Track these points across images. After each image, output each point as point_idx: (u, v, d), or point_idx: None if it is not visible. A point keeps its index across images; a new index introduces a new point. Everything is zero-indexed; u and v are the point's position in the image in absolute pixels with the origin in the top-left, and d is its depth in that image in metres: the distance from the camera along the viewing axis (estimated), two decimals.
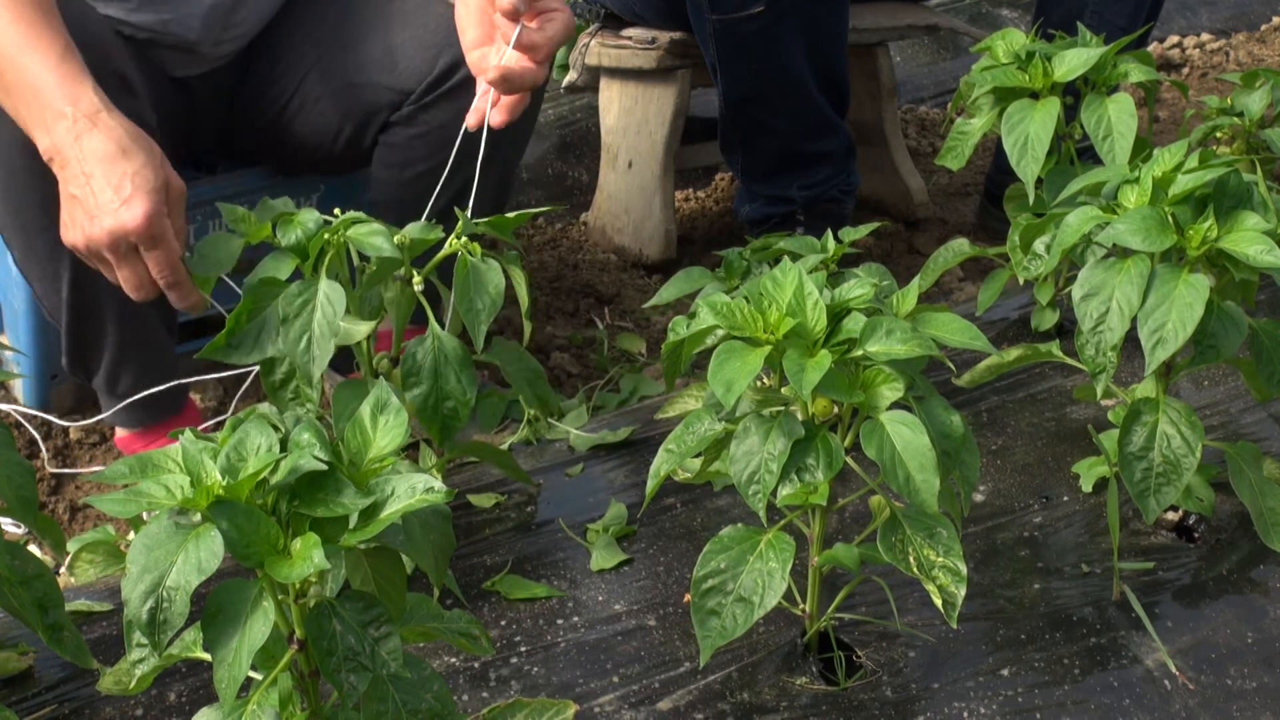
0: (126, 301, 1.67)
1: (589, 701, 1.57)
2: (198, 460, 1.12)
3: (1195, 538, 1.83)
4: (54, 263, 1.89)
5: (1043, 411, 2.11)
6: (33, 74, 1.61)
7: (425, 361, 1.59)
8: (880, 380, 1.39)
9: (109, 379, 2.05)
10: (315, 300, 1.53)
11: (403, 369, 1.59)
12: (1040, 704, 1.57)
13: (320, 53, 2.11)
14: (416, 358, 1.59)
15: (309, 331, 1.52)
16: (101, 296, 1.92)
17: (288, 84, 2.14)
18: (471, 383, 1.60)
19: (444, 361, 1.59)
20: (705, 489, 1.95)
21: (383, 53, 2.07)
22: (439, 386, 1.59)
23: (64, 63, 1.62)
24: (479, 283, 1.58)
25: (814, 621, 1.60)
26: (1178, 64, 4.06)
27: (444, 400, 1.59)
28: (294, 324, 1.52)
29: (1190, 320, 1.57)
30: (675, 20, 2.74)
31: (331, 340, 1.52)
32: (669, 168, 2.90)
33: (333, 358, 1.63)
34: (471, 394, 1.60)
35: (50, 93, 1.60)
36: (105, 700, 1.57)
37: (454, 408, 1.60)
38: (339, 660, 1.10)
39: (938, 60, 3.99)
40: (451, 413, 1.60)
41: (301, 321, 1.53)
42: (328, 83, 2.11)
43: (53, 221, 1.76)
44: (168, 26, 2.01)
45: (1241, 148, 2.21)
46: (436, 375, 1.59)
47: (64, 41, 1.63)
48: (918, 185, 3.06)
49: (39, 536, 1.44)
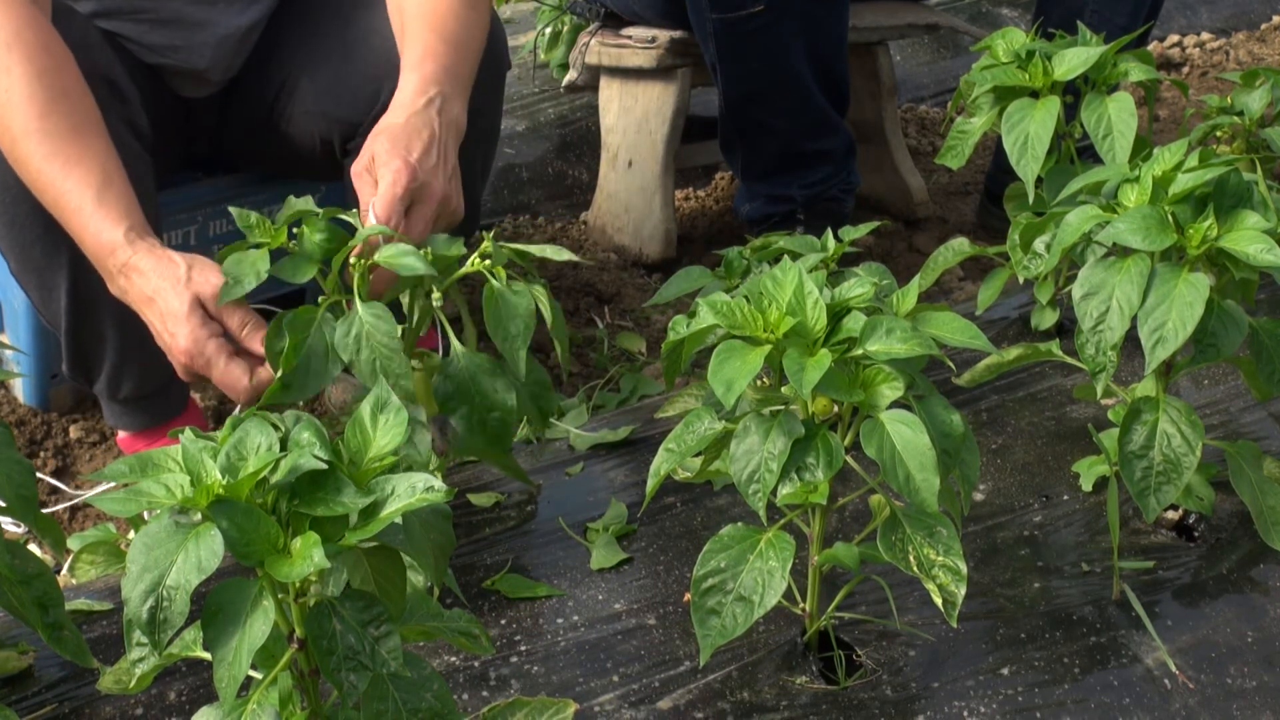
0: (125, 307, 1.67)
1: (589, 700, 1.57)
2: (198, 459, 1.12)
3: (1195, 537, 1.83)
4: (51, 271, 1.88)
5: (1043, 410, 2.11)
6: (74, 223, 1.66)
7: (452, 385, 1.60)
8: (880, 379, 1.39)
9: (110, 384, 2.04)
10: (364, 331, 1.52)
11: (439, 396, 1.60)
12: (1040, 703, 1.57)
13: (289, 76, 2.11)
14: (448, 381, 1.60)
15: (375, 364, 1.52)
16: (99, 303, 1.91)
17: (268, 96, 2.14)
18: (508, 389, 1.61)
19: (472, 379, 1.60)
20: (705, 488, 1.95)
21: (332, 83, 2.06)
22: (479, 403, 1.60)
23: (100, 205, 1.64)
24: (509, 309, 1.59)
25: (814, 620, 1.60)
26: (1178, 63, 4.06)
27: (489, 413, 1.60)
28: (360, 361, 1.51)
29: (1190, 319, 1.57)
30: (675, 19, 2.74)
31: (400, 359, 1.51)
32: (669, 167, 2.90)
33: None
34: (511, 400, 1.60)
35: (90, 243, 1.65)
36: (105, 699, 1.57)
37: (500, 418, 1.61)
38: (339, 659, 1.10)
39: (938, 59, 3.99)
40: (499, 423, 1.61)
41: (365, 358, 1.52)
42: (299, 105, 2.11)
43: (47, 230, 1.75)
44: (178, 53, 2.01)
45: (1241, 147, 2.21)
46: (472, 393, 1.59)
47: (99, 174, 1.65)
48: (918, 184, 3.06)
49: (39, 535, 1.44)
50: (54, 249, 1.85)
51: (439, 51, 1.76)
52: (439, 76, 1.73)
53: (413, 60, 1.76)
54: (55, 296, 1.91)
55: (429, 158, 1.66)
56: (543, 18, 3.32)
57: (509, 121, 3.40)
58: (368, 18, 2.03)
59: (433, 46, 1.76)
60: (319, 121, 2.09)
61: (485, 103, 1.99)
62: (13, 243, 1.88)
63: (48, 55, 1.67)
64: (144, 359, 2.02)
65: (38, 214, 1.76)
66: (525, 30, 3.71)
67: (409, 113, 1.69)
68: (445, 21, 1.80)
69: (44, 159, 1.64)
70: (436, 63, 1.75)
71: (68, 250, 1.83)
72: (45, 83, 1.65)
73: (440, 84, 1.72)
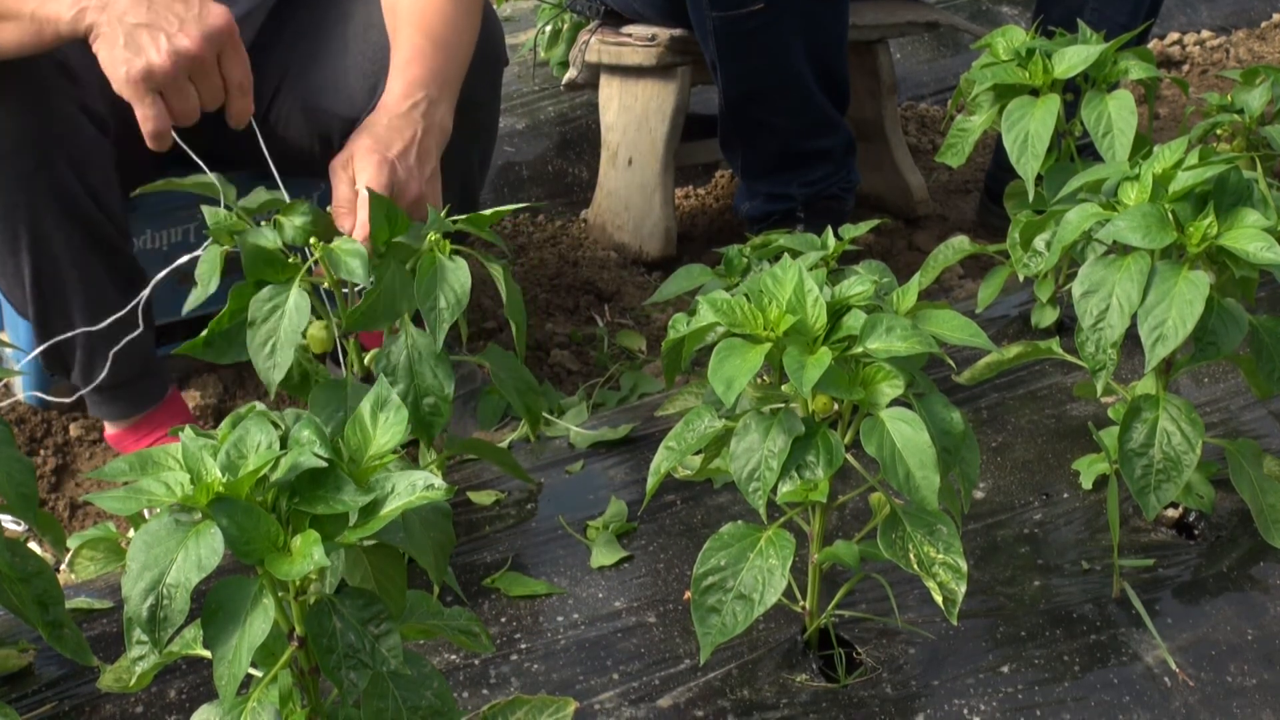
0: (91, 289, 1.65)
1: (589, 698, 1.57)
2: (198, 457, 1.12)
3: (1195, 535, 1.83)
4: (14, 255, 1.87)
5: (1043, 408, 2.11)
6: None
7: (399, 359, 1.58)
8: (880, 377, 1.39)
9: (84, 371, 2.03)
10: (285, 308, 1.52)
11: (377, 368, 1.59)
12: (1040, 701, 1.57)
13: (284, 74, 2.10)
14: (391, 356, 1.58)
15: (274, 338, 1.51)
16: (65, 284, 1.90)
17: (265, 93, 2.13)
18: (449, 377, 1.57)
19: (419, 359, 1.58)
20: (705, 486, 1.95)
21: (331, 78, 2.06)
22: (416, 384, 1.57)
23: None
24: (443, 280, 1.56)
25: (814, 618, 1.60)
26: (1178, 61, 4.06)
27: (423, 397, 1.57)
28: (260, 329, 1.51)
29: (1190, 317, 1.57)
30: (675, 17, 2.74)
31: (293, 348, 1.50)
32: (669, 165, 2.90)
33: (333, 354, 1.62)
34: (449, 388, 1.57)
35: None
36: (105, 698, 1.57)
37: (434, 404, 1.58)
38: (339, 657, 1.10)
39: (938, 57, 3.99)
40: (433, 409, 1.58)
41: (268, 327, 1.51)
42: (294, 103, 2.10)
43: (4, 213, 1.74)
44: None
45: (1242, 145, 2.21)
46: (412, 373, 1.57)
47: None
48: (918, 182, 3.06)
49: (39, 533, 1.44)
50: (14, 233, 1.83)
51: (427, 54, 1.78)
52: (425, 80, 1.75)
53: (400, 62, 1.78)
54: (20, 281, 1.90)
55: (408, 157, 1.67)
56: (543, 15, 3.31)
57: (509, 119, 3.40)
58: (364, 12, 2.03)
59: (420, 49, 1.78)
60: (316, 118, 2.08)
61: (482, 96, 2.00)
62: None
63: None
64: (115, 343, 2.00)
65: None
66: (525, 28, 3.70)
67: (392, 114, 1.71)
68: (434, 24, 1.81)
69: None
70: (423, 66, 1.76)
71: (27, 232, 1.84)
72: None
73: (426, 87, 1.74)
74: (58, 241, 1.88)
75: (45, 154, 1.82)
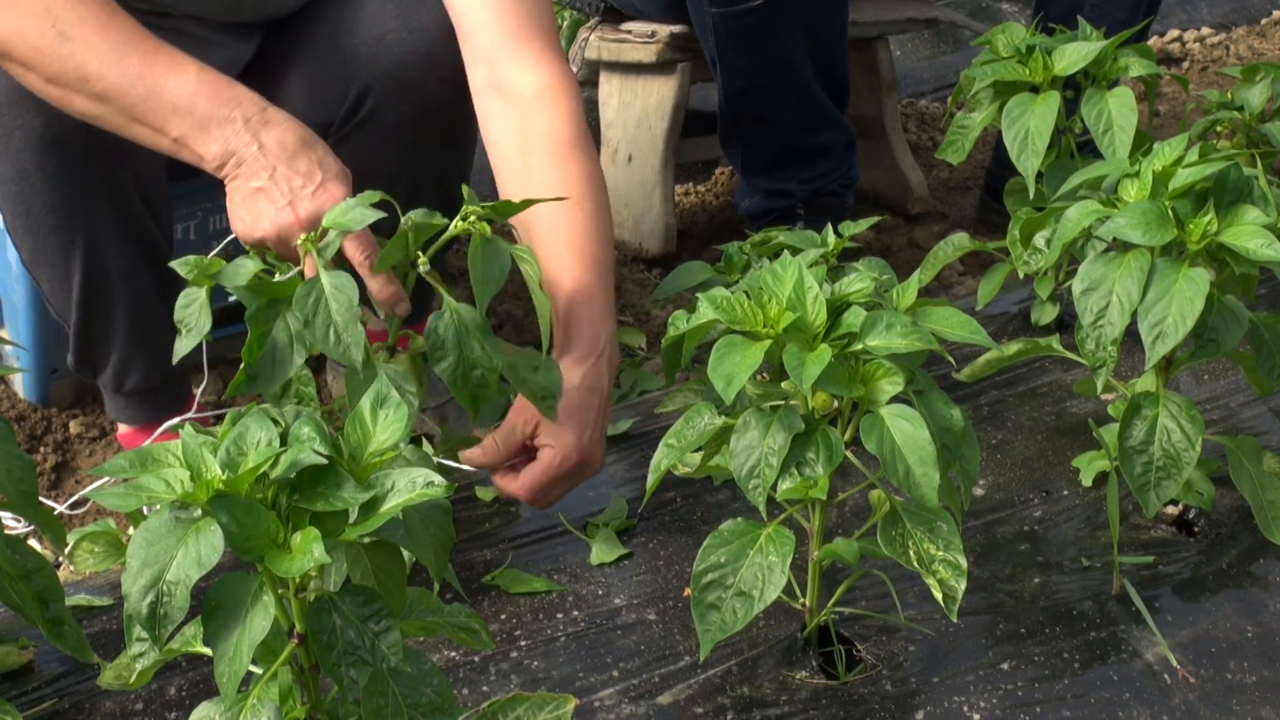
0: (136, 300, 1.66)
1: (589, 695, 1.57)
2: (198, 454, 1.11)
3: (1195, 532, 1.83)
4: (65, 262, 1.89)
5: (1043, 406, 2.11)
6: (175, 94, 1.61)
7: (448, 334, 1.59)
8: (880, 374, 1.39)
9: (116, 377, 2.04)
10: (324, 295, 1.53)
11: (428, 343, 1.60)
12: (1040, 698, 1.57)
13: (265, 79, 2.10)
14: (439, 331, 1.59)
15: (331, 324, 1.52)
16: (113, 294, 1.91)
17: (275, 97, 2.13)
18: (495, 348, 1.60)
19: (465, 332, 1.59)
20: (705, 483, 1.95)
21: (304, 84, 2.06)
22: (464, 357, 1.59)
23: (205, 72, 1.62)
24: (491, 256, 1.58)
25: (814, 615, 1.60)
26: (1178, 58, 4.06)
27: (472, 369, 1.60)
28: (316, 323, 1.52)
29: (1190, 314, 1.57)
30: (675, 14, 2.74)
31: (357, 323, 1.51)
32: (669, 162, 2.90)
33: None
34: (497, 360, 1.59)
35: (206, 103, 1.61)
36: (105, 695, 1.57)
37: (482, 375, 1.60)
38: (339, 654, 1.10)
39: (938, 54, 3.99)
40: (480, 380, 1.60)
41: (322, 318, 1.52)
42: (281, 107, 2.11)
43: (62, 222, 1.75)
44: None
45: (1242, 142, 2.21)
46: (460, 345, 1.59)
47: (185, 55, 1.63)
48: (918, 179, 3.06)
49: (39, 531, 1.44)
50: (69, 240, 1.85)
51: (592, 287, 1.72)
52: (606, 316, 1.72)
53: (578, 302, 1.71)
54: (67, 288, 1.92)
55: (596, 430, 1.68)
56: None
57: None
58: (337, 14, 2.03)
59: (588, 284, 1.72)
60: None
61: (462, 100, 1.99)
62: (27, 234, 1.88)
63: None
64: (151, 352, 2.01)
65: (54, 205, 1.76)
66: None
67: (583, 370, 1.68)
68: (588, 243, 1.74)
69: (119, 51, 1.60)
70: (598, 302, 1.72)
71: (82, 241, 1.84)
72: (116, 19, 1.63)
73: (609, 324, 1.71)
74: (110, 252, 1.89)
75: (111, 167, 1.83)
